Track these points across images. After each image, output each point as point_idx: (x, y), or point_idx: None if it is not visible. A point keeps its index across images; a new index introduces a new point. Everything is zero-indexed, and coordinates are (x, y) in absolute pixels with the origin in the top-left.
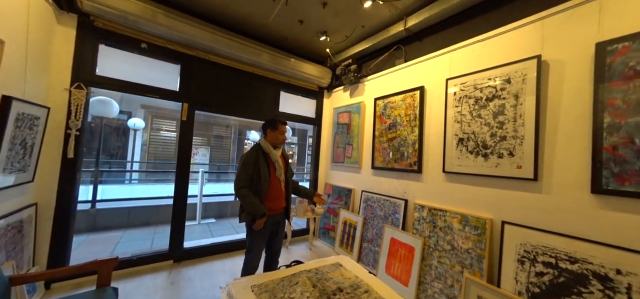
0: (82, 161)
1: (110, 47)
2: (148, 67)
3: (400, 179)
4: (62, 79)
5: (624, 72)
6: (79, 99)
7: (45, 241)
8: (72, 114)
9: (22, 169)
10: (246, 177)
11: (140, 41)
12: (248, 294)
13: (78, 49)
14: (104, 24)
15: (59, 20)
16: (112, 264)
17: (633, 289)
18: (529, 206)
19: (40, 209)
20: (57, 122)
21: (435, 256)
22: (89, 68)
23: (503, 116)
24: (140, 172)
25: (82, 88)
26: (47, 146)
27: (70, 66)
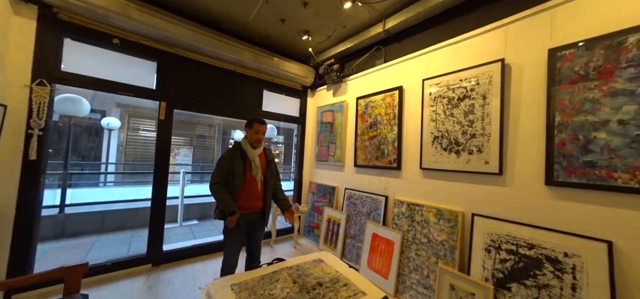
0: (47, 163)
1: (78, 42)
2: (122, 63)
3: (381, 176)
4: (21, 75)
5: (571, 76)
6: (42, 97)
7: (5, 249)
8: (33, 112)
9: None
10: (220, 174)
11: (112, 36)
12: (227, 293)
13: (39, 42)
14: (69, 17)
15: (15, 10)
16: (80, 271)
17: (576, 269)
18: (494, 198)
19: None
20: (17, 121)
21: (413, 249)
22: (52, 63)
23: (473, 115)
24: (116, 174)
25: (45, 85)
26: (5, 147)
27: (30, 61)
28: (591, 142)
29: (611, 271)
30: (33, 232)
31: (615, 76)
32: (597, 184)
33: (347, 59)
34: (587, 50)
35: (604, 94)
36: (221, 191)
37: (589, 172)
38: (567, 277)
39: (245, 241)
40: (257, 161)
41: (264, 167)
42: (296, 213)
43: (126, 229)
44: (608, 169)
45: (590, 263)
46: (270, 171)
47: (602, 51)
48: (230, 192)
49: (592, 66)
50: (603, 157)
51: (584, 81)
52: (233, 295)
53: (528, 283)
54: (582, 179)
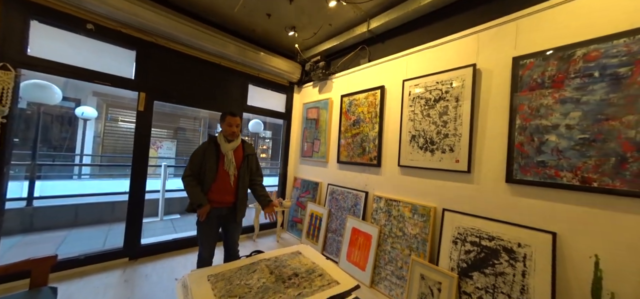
0: (12, 152)
1: (47, 25)
2: (99, 51)
3: (363, 172)
4: None
5: (530, 83)
6: (6, 82)
7: None
8: None
9: None
10: (192, 167)
11: (85, 21)
12: (204, 284)
13: (3, 23)
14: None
15: None
16: (48, 263)
17: (527, 257)
18: (463, 194)
19: None
20: None
21: (389, 242)
22: (17, 47)
23: (446, 116)
24: (89, 166)
25: (9, 69)
26: None
27: None
28: (544, 144)
29: (554, 258)
30: None
31: (565, 84)
32: (547, 181)
33: (333, 56)
34: (543, 61)
35: (555, 101)
36: (191, 184)
37: (540, 171)
38: (519, 265)
39: (223, 236)
40: (230, 155)
41: (238, 161)
42: (280, 208)
43: (102, 223)
44: (556, 169)
45: (538, 252)
46: (247, 166)
47: (556, 62)
48: (202, 186)
49: (547, 75)
50: (552, 158)
51: (540, 88)
52: (209, 285)
53: (487, 271)
54: (535, 177)
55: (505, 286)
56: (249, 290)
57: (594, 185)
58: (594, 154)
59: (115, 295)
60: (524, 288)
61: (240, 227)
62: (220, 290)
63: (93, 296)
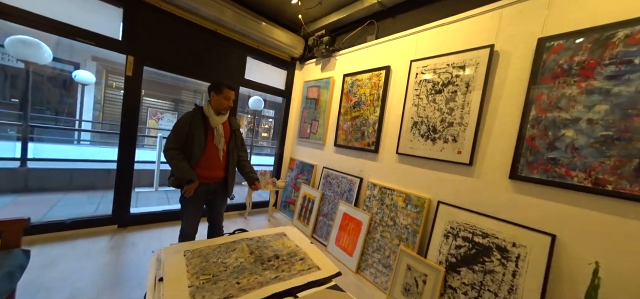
0: None
1: None
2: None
3: (359, 158)
4: None
5: (554, 69)
6: None
7: None
8: None
9: None
10: (176, 139)
11: None
12: (178, 259)
13: None
14: None
15: None
16: (20, 225)
17: (520, 258)
18: (461, 188)
19: None
20: None
21: (379, 230)
22: None
23: (454, 103)
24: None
25: None
26: None
27: None
28: (558, 140)
29: (549, 261)
30: None
31: (595, 73)
32: (555, 181)
33: (338, 31)
34: (574, 43)
35: (581, 91)
36: (178, 157)
37: (549, 169)
38: (510, 265)
39: (207, 212)
40: (220, 128)
41: (227, 136)
42: (273, 188)
43: (97, 190)
44: (567, 167)
45: (533, 254)
46: (235, 141)
47: (590, 45)
48: (188, 160)
49: (576, 60)
50: (566, 155)
51: (565, 75)
52: (184, 261)
53: (476, 268)
54: (542, 176)
55: (492, 284)
56: (224, 269)
57: (608, 188)
58: (614, 154)
59: (99, 261)
60: (513, 288)
61: (225, 203)
62: (194, 267)
63: (76, 260)
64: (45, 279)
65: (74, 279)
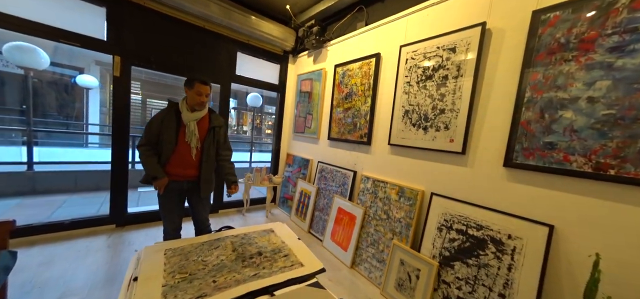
0: None
1: None
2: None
3: (352, 151)
4: None
5: (550, 44)
6: None
7: None
8: None
9: None
10: (147, 136)
11: None
12: (158, 258)
13: None
14: None
15: None
16: (6, 227)
17: (516, 250)
18: (454, 178)
19: None
20: None
21: (373, 224)
22: None
23: (445, 88)
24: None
25: None
26: None
27: None
28: (556, 122)
29: (546, 253)
30: None
31: (596, 45)
32: (552, 167)
33: (328, 20)
34: (572, 13)
35: (580, 67)
36: (147, 154)
37: (546, 154)
38: (506, 258)
39: (190, 212)
40: (192, 125)
41: (203, 133)
42: (269, 184)
43: (101, 190)
44: (566, 152)
45: (530, 246)
46: (213, 139)
47: (590, 14)
48: (159, 157)
49: (574, 33)
50: (564, 139)
51: (562, 50)
52: (163, 260)
53: (470, 262)
54: (539, 162)
55: (487, 279)
56: (203, 267)
57: (610, 173)
58: (617, 135)
59: (95, 258)
60: (508, 283)
61: (207, 202)
62: (172, 266)
63: (74, 258)
64: (41, 278)
65: (67, 278)
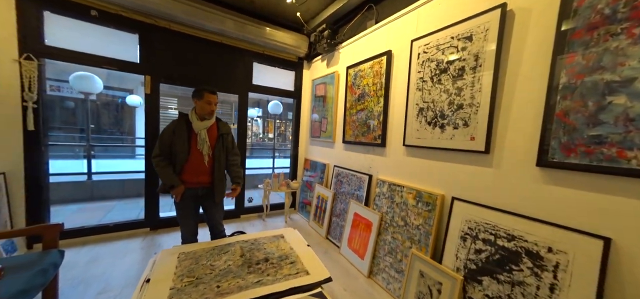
0: (47, 133)
1: (57, 15)
2: (107, 37)
3: (367, 153)
4: (9, 50)
5: (590, 18)
6: (30, 71)
7: (21, 206)
8: (25, 86)
9: None
10: (160, 146)
11: (90, 8)
12: (172, 261)
13: (21, 17)
14: None
15: None
16: (56, 229)
17: (560, 267)
18: (478, 180)
19: (9, 178)
20: (12, 94)
21: (390, 232)
22: (36, 38)
23: (462, 81)
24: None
25: (32, 59)
26: (6, 118)
27: (15, 36)
28: (604, 110)
29: (602, 272)
30: (42, 193)
31: None
32: (602, 166)
33: (339, 22)
34: None
35: (633, 41)
36: (161, 164)
37: (593, 151)
38: (546, 275)
39: (205, 218)
40: (203, 134)
41: (213, 140)
42: (287, 189)
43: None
44: (620, 147)
45: (578, 262)
46: (222, 145)
47: None
48: (173, 166)
49: (623, 1)
50: (616, 130)
51: (607, 23)
52: (175, 263)
53: (501, 277)
54: (583, 160)
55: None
56: (210, 272)
57: None
58: None
59: (131, 258)
60: None
61: (221, 207)
62: (183, 269)
63: (112, 257)
64: (87, 275)
65: (107, 276)
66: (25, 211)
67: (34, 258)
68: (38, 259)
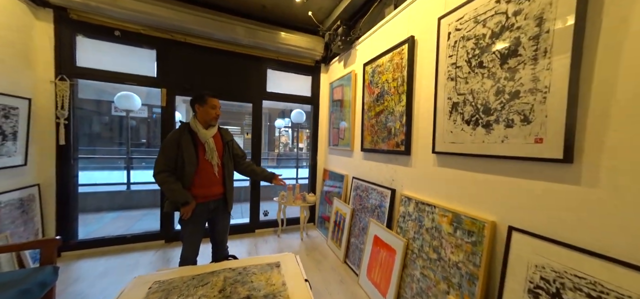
0: (77, 148)
1: (87, 38)
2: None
3: (389, 163)
4: (47, 73)
5: None
6: (63, 90)
7: (51, 214)
8: (58, 105)
9: (6, 154)
10: (165, 161)
11: (113, 29)
12: (140, 291)
13: (58, 42)
14: (78, 16)
15: (36, 16)
16: (54, 244)
17: None
18: (554, 204)
19: (43, 189)
20: (47, 112)
21: (418, 265)
22: (69, 60)
23: (515, 59)
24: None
25: (65, 80)
26: (41, 134)
27: (52, 60)
28: None
29: None
30: (71, 204)
31: None
32: None
33: (355, 17)
34: None
35: None
36: (169, 180)
37: None
38: None
39: (209, 232)
40: (211, 142)
41: (220, 149)
42: (303, 203)
43: None
44: None
45: None
46: (229, 153)
47: None
48: (181, 181)
49: None
50: None
51: None
52: (143, 294)
53: None
54: None
55: None
56: None
57: None
58: None
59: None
60: None
61: (227, 223)
62: None
63: (120, 272)
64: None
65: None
66: (56, 220)
67: (20, 276)
68: (24, 277)
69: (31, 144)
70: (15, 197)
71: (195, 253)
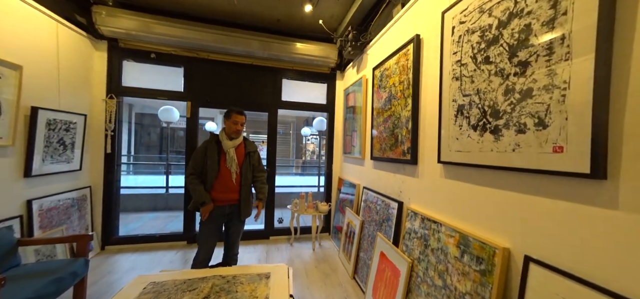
0: (121, 155)
1: (131, 62)
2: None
3: (396, 173)
4: (101, 93)
5: None
6: (111, 107)
7: (99, 214)
8: (107, 119)
9: (66, 160)
10: (195, 166)
11: (150, 52)
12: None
13: (109, 67)
14: (125, 44)
15: (95, 47)
16: (86, 239)
17: None
18: (584, 232)
19: (93, 190)
20: (99, 126)
21: (423, 292)
22: (117, 81)
23: (527, 49)
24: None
25: (113, 98)
26: (94, 144)
27: (104, 82)
28: None
29: None
30: (113, 204)
31: None
32: None
33: (366, 21)
34: None
35: None
36: (194, 182)
37: None
38: None
39: (224, 236)
40: (232, 152)
41: (241, 159)
42: (315, 212)
43: None
44: None
45: None
46: (249, 163)
47: None
48: (205, 184)
49: None
50: None
51: None
52: (136, 293)
53: None
54: None
55: None
56: None
57: None
58: None
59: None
60: None
61: (241, 229)
62: None
63: (147, 266)
64: (120, 283)
65: None
66: (102, 217)
67: (57, 265)
68: (59, 267)
69: (85, 152)
70: (72, 197)
71: (208, 254)
